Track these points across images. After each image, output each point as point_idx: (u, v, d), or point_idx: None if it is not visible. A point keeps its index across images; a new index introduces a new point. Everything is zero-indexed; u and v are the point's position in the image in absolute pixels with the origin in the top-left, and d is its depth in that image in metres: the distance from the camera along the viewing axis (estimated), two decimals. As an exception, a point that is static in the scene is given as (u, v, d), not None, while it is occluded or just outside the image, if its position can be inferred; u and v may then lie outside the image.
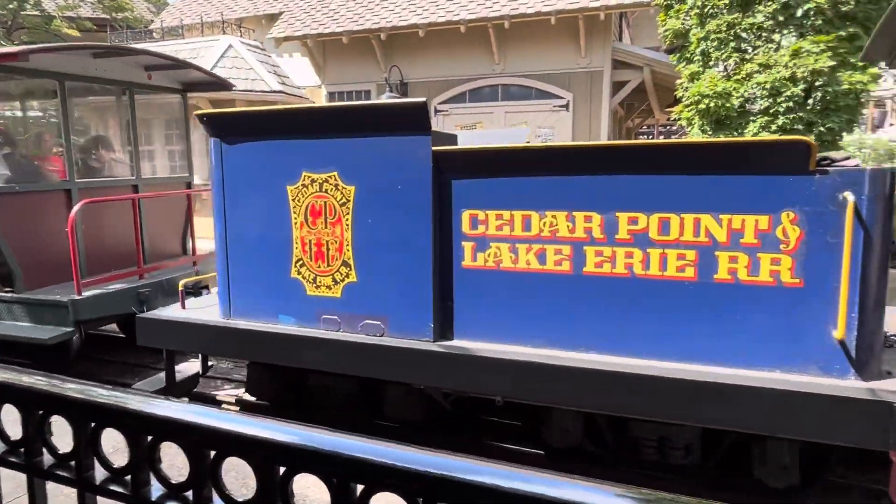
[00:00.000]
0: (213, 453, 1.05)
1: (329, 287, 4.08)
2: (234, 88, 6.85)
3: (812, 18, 7.76)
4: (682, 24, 8.74)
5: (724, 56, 8.29)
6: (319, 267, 4.08)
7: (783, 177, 3.08)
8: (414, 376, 3.92)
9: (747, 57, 8.17)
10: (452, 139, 4.16)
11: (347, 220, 3.96)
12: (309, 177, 4.02)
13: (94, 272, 5.78)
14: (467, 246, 3.77)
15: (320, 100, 12.94)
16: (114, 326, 6.86)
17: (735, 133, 8.10)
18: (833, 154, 3.11)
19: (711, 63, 8.46)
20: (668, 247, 3.33)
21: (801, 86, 7.62)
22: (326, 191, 3.99)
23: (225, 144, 4.27)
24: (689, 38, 8.65)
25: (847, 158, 3.13)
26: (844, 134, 8.06)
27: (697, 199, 3.25)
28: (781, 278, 3.14)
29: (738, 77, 8.09)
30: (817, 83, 7.56)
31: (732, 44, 8.19)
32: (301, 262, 4.13)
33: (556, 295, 3.57)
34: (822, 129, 7.60)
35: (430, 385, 3.99)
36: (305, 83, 14.08)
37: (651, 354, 3.39)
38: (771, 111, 7.83)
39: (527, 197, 3.59)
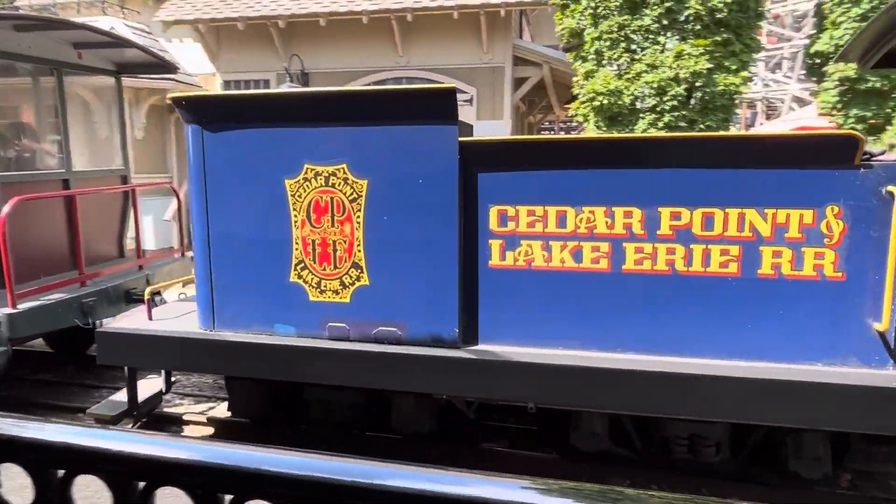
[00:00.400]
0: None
1: (336, 292, 3.70)
2: (178, 71, 6.15)
3: (692, 23, 8.37)
4: (578, 23, 9.10)
5: (615, 56, 8.75)
6: (325, 270, 3.70)
7: (829, 171, 3.09)
8: (437, 386, 3.64)
9: (637, 57, 8.66)
10: (468, 129, 3.90)
11: (359, 217, 3.60)
12: (312, 169, 3.62)
13: (23, 280, 4.99)
14: (495, 244, 3.53)
15: (214, 89, 12.06)
16: (40, 340, 6.01)
17: (627, 129, 8.65)
18: (872, 149, 3.16)
19: (604, 62, 8.91)
20: (712, 242, 3.26)
21: (684, 86, 8.20)
22: (334, 185, 3.61)
23: (207, 133, 3.76)
24: (584, 38, 9.02)
25: (883, 153, 3.19)
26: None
27: (742, 194, 3.20)
28: (825, 272, 3.16)
29: (629, 76, 8.56)
30: (697, 84, 8.14)
31: (623, 44, 8.64)
32: (302, 265, 3.72)
33: (593, 294, 3.42)
34: (702, 126, 8.23)
35: (455, 394, 3.73)
36: (198, 70, 13.13)
37: (693, 353, 3.32)
38: (658, 109, 8.38)
39: (562, 191, 3.40)
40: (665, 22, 8.48)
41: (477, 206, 3.51)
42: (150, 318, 4.21)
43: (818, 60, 10.35)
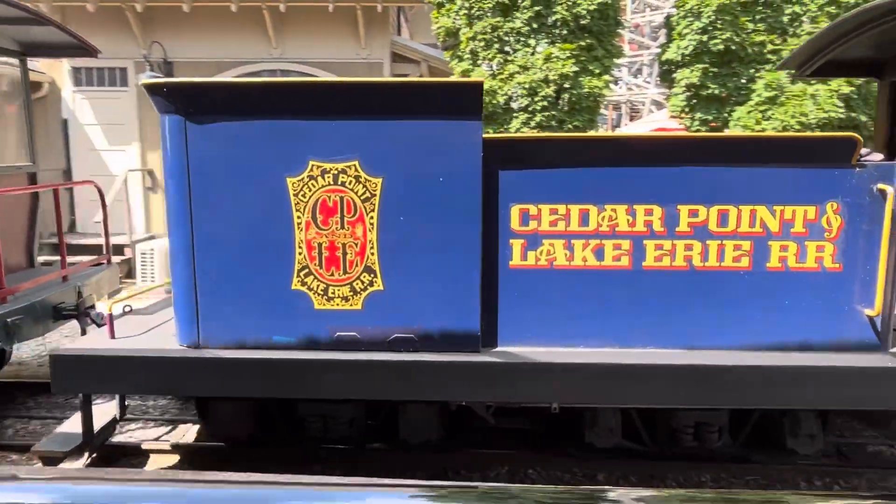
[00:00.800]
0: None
1: (346, 298, 3.45)
2: (99, 55, 5.43)
3: (560, 28, 8.92)
4: (453, 23, 9.41)
5: (490, 56, 9.16)
6: (333, 275, 3.43)
7: (830, 170, 3.35)
8: (459, 392, 3.50)
9: (509, 58, 9.11)
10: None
11: (372, 218, 3.38)
12: (319, 166, 3.34)
13: (-75, 297, 4.18)
14: (516, 244, 3.46)
15: (61, 76, 10.92)
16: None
17: (502, 129, 9.03)
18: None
19: (480, 62, 9.30)
20: (726, 238, 3.42)
21: (553, 87, 8.71)
22: (343, 183, 3.35)
23: (191, 124, 3.34)
24: (460, 37, 9.32)
25: (870, 153, 3.51)
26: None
27: (754, 191, 3.38)
28: (825, 264, 3.42)
29: (503, 76, 8.97)
30: (565, 86, 8.66)
31: (496, 45, 9.05)
32: (306, 271, 3.43)
33: (614, 292, 3.46)
34: (570, 126, 8.86)
35: (478, 399, 3.62)
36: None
37: (708, 345, 3.46)
38: (530, 109, 8.83)
39: (584, 190, 3.41)
40: (535, 25, 8.90)
41: (497, 205, 3.42)
42: (113, 337, 3.70)
43: (669, 67, 11.00)
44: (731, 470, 3.89)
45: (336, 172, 3.34)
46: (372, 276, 3.41)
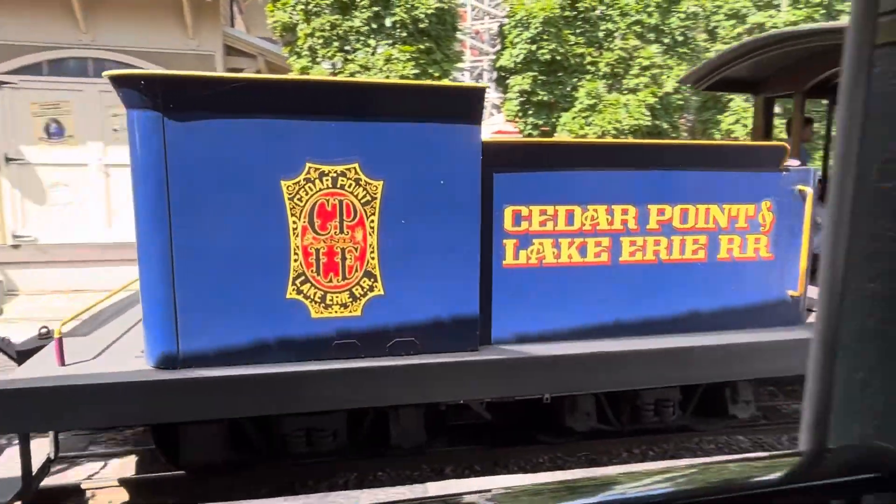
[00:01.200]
0: None
1: (345, 305, 3.34)
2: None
3: (399, 30, 9.09)
4: (290, 17, 9.23)
5: (329, 54, 9.12)
6: (331, 282, 3.31)
7: (765, 173, 3.92)
8: (459, 391, 3.56)
9: (350, 58, 9.13)
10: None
11: (373, 221, 3.31)
12: (317, 169, 3.20)
13: None
14: (509, 244, 3.60)
15: None
16: None
17: None
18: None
19: (319, 59, 9.21)
20: (687, 234, 3.86)
21: None
22: (343, 186, 3.25)
23: (171, 121, 3.02)
24: (298, 33, 9.18)
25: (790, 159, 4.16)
26: None
27: (708, 192, 3.85)
28: (760, 253, 4.00)
29: (343, 76, 8.99)
30: None
31: (336, 43, 9.02)
32: (303, 278, 3.27)
33: (596, 286, 3.75)
34: None
35: (476, 397, 3.69)
36: None
37: (675, 329, 3.88)
38: None
39: (570, 192, 3.64)
40: (374, 25, 8.97)
41: (492, 207, 3.54)
42: (63, 364, 3.23)
43: (503, 74, 11.77)
44: (672, 440, 4.40)
45: (335, 175, 3.23)
46: (372, 280, 3.35)
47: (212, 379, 3.16)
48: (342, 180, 3.23)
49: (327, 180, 3.22)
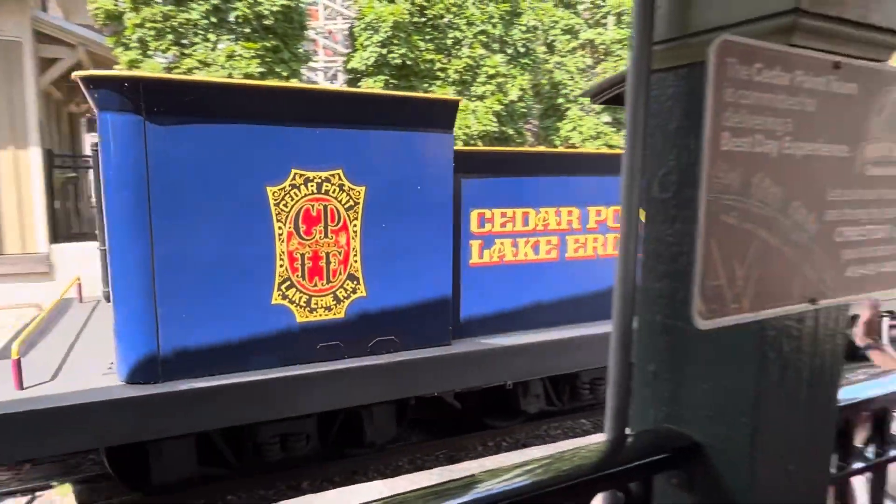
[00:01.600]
0: None
1: (329, 308, 3.41)
2: None
3: (242, 25, 8.56)
4: (115, 5, 8.36)
5: (162, 47, 8.38)
6: (316, 286, 3.36)
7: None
8: (436, 384, 3.76)
9: (187, 52, 8.44)
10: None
11: (356, 225, 3.42)
12: (302, 175, 3.25)
13: None
14: (475, 244, 3.88)
15: None
16: None
17: None
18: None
19: (151, 52, 8.42)
20: (614, 232, 4.40)
21: None
22: (327, 192, 3.32)
23: (153, 125, 2.90)
24: (125, 22, 8.37)
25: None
26: None
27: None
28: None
29: (180, 71, 8.32)
30: None
31: (171, 36, 8.32)
32: (288, 284, 3.29)
33: (546, 280, 4.16)
34: None
35: (450, 389, 3.90)
36: None
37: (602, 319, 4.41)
38: None
39: (526, 195, 4.01)
40: (214, 19, 8.40)
41: (461, 210, 3.80)
42: (22, 387, 2.95)
43: (355, 76, 11.47)
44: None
45: (320, 181, 3.29)
46: (355, 283, 3.46)
47: (199, 390, 3.08)
48: (327, 186, 3.31)
49: (312, 186, 3.27)
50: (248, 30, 8.39)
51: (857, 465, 1.05)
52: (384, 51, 10.86)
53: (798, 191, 0.71)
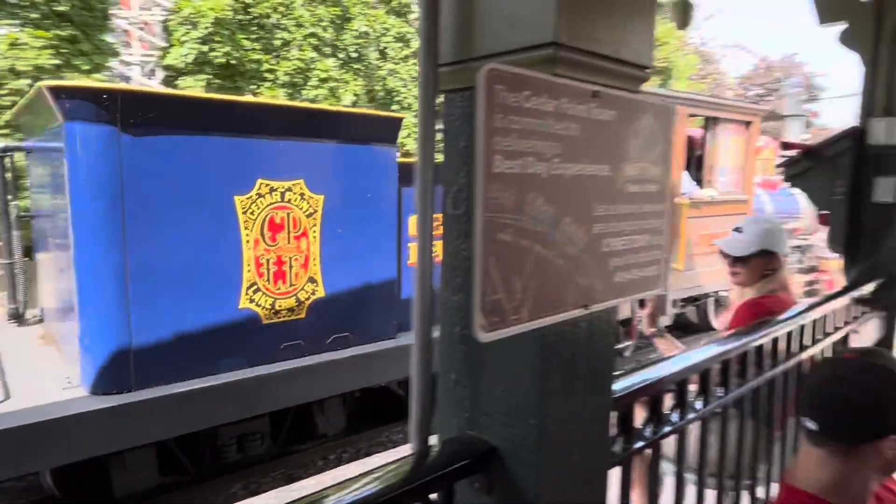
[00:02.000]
0: None
1: (292, 310, 3.36)
2: None
3: (27, 10, 6.89)
4: None
5: None
6: (279, 289, 3.32)
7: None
8: (382, 376, 3.73)
9: None
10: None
11: (315, 231, 3.39)
12: (267, 185, 3.20)
13: None
14: (412, 247, 3.85)
15: None
16: None
17: None
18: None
19: None
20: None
21: (27, 80, 6.51)
22: (290, 201, 3.28)
23: (128, 136, 2.81)
24: None
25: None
26: None
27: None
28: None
29: None
30: (44, 78, 5.97)
31: None
32: (255, 288, 3.24)
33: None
34: None
35: (393, 379, 3.87)
36: None
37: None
38: None
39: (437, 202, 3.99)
40: None
41: (401, 216, 3.78)
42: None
43: (172, 73, 9.97)
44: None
45: (283, 190, 3.26)
46: (314, 284, 3.43)
47: (174, 396, 2.96)
48: (289, 195, 3.27)
49: (276, 195, 3.23)
50: (35, 15, 6.78)
51: (639, 444, 1.05)
52: (205, 48, 9.40)
53: (568, 207, 0.70)
